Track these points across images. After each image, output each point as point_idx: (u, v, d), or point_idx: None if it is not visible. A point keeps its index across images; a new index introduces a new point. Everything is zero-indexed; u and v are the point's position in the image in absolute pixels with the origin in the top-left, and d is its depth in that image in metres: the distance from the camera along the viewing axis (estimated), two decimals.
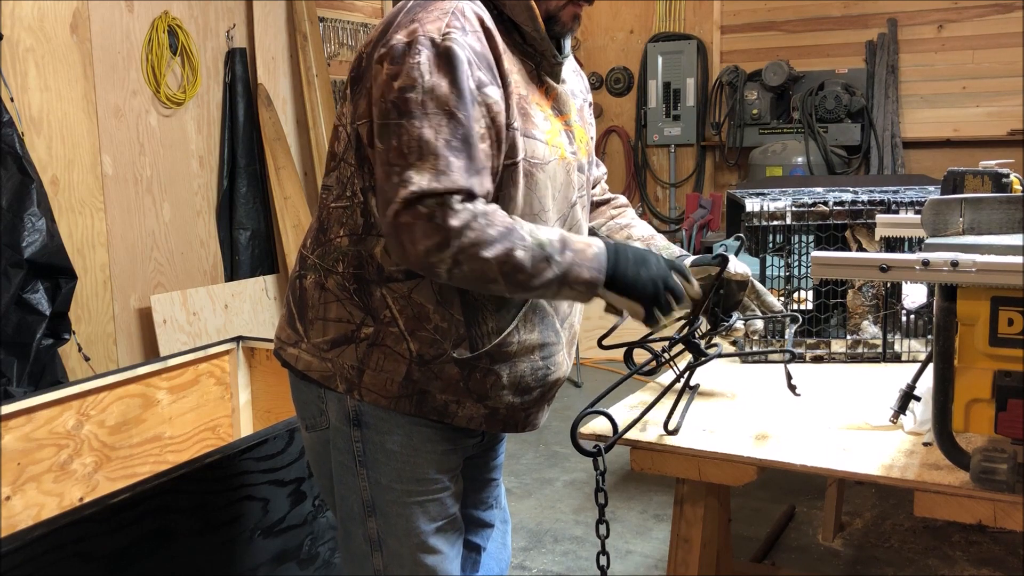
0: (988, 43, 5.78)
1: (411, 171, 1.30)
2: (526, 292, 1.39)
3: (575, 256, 1.38)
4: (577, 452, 1.51)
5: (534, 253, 1.34)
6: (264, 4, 4.72)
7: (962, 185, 1.76)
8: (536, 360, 1.52)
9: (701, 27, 6.66)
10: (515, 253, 1.32)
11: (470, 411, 1.49)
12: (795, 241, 2.08)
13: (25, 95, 3.55)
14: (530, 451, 3.94)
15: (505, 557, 1.86)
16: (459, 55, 1.32)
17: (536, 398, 1.55)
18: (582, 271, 1.38)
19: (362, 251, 1.45)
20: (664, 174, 6.90)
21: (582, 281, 1.38)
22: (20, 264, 3.28)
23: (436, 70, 1.32)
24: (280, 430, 2.14)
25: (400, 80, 1.32)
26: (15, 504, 2.29)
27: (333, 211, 1.48)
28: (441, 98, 1.31)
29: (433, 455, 1.51)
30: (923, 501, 1.38)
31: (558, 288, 1.38)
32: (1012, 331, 1.26)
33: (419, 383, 1.46)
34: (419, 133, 1.30)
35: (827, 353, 2.06)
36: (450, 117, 1.31)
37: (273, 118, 4.72)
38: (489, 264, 1.31)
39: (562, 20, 1.47)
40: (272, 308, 4.66)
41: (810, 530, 3.14)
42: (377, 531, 1.53)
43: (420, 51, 1.32)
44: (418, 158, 1.30)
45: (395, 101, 1.32)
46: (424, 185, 1.29)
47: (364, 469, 1.51)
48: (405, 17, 1.39)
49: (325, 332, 1.48)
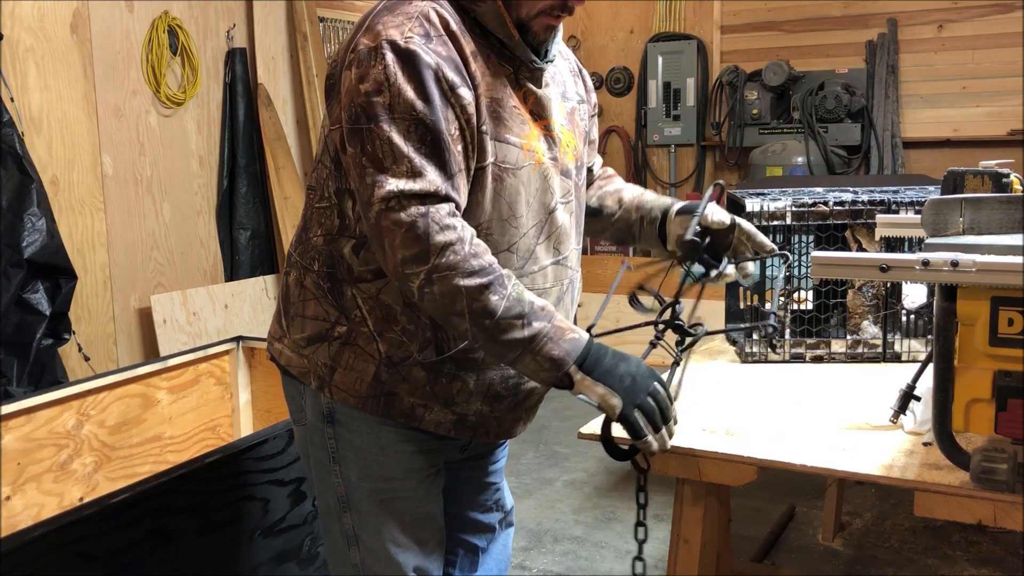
0: (988, 43, 5.77)
1: (385, 174, 1.30)
2: (488, 343, 1.33)
3: (552, 329, 1.32)
4: (610, 457, 1.40)
5: (509, 304, 1.30)
6: (264, 4, 4.72)
7: (962, 185, 1.76)
8: (507, 370, 1.48)
9: (701, 27, 6.66)
10: (489, 295, 1.29)
11: (437, 416, 1.47)
12: (795, 241, 2.08)
13: (25, 95, 3.55)
14: (530, 451, 3.94)
15: (505, 559, 1.87)
16: (423, 59, 1.32)
17: (509, 407, 1.52)
18: (552, 346, 1.31)
19: (334, 250, 1.45)
20: (664, 174, 6.90)
21: (548, 357, 1.31)
22: (20, 264, 3.28)
23: (400, 74, 1.31)
24: (280, 430, 2.14)
25: (366, 84, 1.32)
26: (15, 504, 2.29)
27: (315, 211, 1.48)
28: (408, 103, 1.30)
29: (401, 455, 1.50)
30: (923, 501, 1.38)
31: (521, 352, 1.31)
32: (1012, 331, 1.26)
33: (387, 384, 1.45)
34: (388, 136, 1.30)
35: (827, 353, 2.06)
36: (418, 123, 1.31)
37: (273, 118, 4.72)
38: (460, 293, 1.29)
39: (534, 30, 1.43)
40: (272, 308, 4.66)
41: (810, 530, 3.14)
42: (352, 526, 1.54)
43: (384, 55, 1.31)
44: (392, 162, 1.30)
45: (363, 105, 1.32)
46: (401, 185, 1.28)
47: (337, 466, 1.52)
48: (372, 20, 1.38)
49: (303, 329, 1.50)
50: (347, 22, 5.33)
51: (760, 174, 5.96)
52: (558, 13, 1.42)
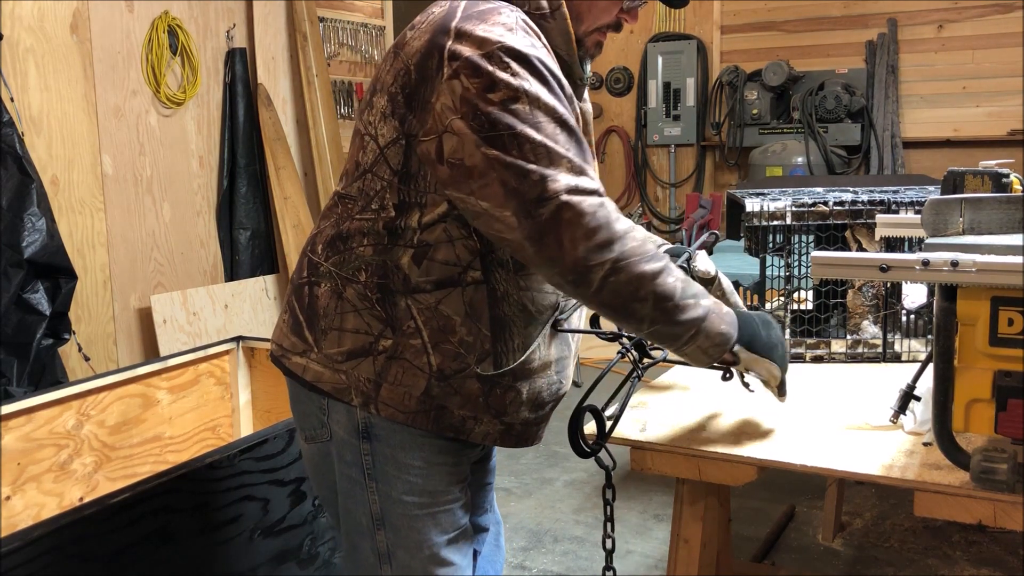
0: (988, 43, 5.78)
1: (550, 170, 1.27)
2: (665, 324, 1.34)
3: (715, 305, 1.37)
4: (576, 455, 1.48)
5: (684, 285, 1.33)
6: (264, 4, 4.72)
7: (962, 185, 1.76)
8: (552, 375, 1.50)
9: (701, 27, 6.66)
10: (667, 278, 1.31)
11: (487, 427, 1.46)
12: (795, 241, 2.07)
13: (25, 95, 3.55)
14: (530, 451, 3.94)
15: (499, 558, 1.86)
16: (547, 63, 1.32)
17: (547, 413, 1.55)
18: (719, 321, 1.36)
19: (388, 261, 1.40)
20: (664, 174, 6.90)
21: (718, 332, 1.36)
22: (20, 264, 3.29)
23: (532, 78, 1.29)
24: (280, 430, 2.14)
25: (497, 92, 1.27)
26: (15, 504, 2.29)
27: (356, 221, 1.43)
28: (548, 105, 1.29)
29: (445, 467, 1.48)
30: (923, 501, 1.38)
31: (695, 332, 1.35)
32: (1012, 331, 1.26)
33: (438, 398, 1.42)
34: (538, 140, 1.28)
35: (827, 353, 2.05)
36: (562, 124, 1.30)
37: (273, 118, 4.72)
38: (645, 278, 1.29)
39: (587, 46, 1.47)
40: (272, 308, 4.66)
41: (810, 530, 3.14)
42: (387, 544, 1.49)
43: (507, 61, 1.28)
44: (550, 163, 1.28)
45: (499, 113, 1.27)
46: (572, 181, 1.27)
47: (374, 482, 1.47)
48: (463, 26, 1.32)
49: (340, 343, 1.43)
50: (347, 22, 5.33)
51: (760, 174, 5.96)
52: (609, 30, 1.48)
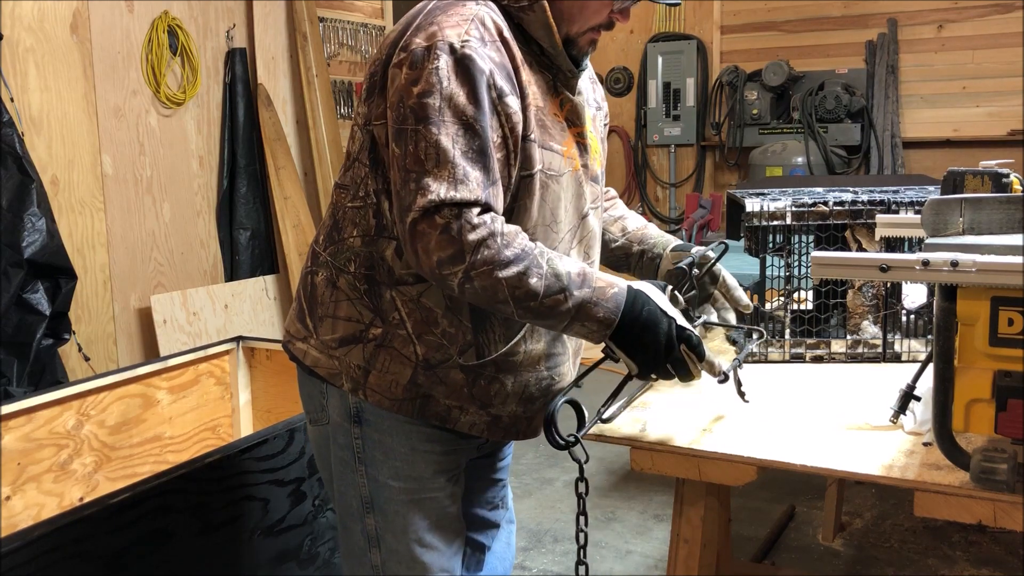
0: (988, 43, 5.78)
1: (428, 178, 1.29)
2: (536, 320, 1.37)
3: (593, 293, 1.36)
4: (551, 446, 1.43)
5: (548, 283, 1.33)
6: (264, 4, 4.72)
7: (962, 185, 1.76)
8: (541, 371, 1.52)
9: (701, 27, 6.66)
10: (528, 279, 1.32)
11: (473, 418, 1.49)
12: (795, 241, 2.07)
13: (25, 95, 3.55)
14: (530, 451, 3.94)
15: (509, 557, 1.87)
16: (478, 64, 1.32)
17: (539, 407, 1.55)
18: (597, 310, 1.36)
19: (373, 252, 1.44)
20: (664, 174, 6.90)
21: (596, 319, 1.36)
22: (20, 264, 3.29)
23: (455, 77, 1.31)
24: (280, 430, 2.14)
25: (419, 85, 1.31)
26: (15, 504, 2.29)
27: (348, 211, 1.47)
28: (459, 107, 1.31)
29: (431, 455, 1.51)
30: (923, 501, 1.38)
31: (569, 322, 1.36)
32: (1012, 331, 1.26)
33: (423, 387, 1.46)
34: (436, 140, 1.30)
35: (827, 353, 2.05)
36: (467, 127, 1.31)
37: (273, 118, 4.72)
38: (500, 284, 1.31)
39: (579, 44, 1.48)
40: (272, 308, 4.66)
41: (810, 530, 3.14)
42: (375, 527, 1.53)
43: (439, 56, 1.31)
44: (435, 165, 1.30)
45: (413, 106, 1.31)
46: (442, 194, 1.28)
47: (363, 466, 1.51)
48: (424, 20, 1.38)
49: (334, 330, 1.48)
50: (347, 22, 5.33)
51: (760, 174, 5.96)
52: (602, 28, 1.49)
